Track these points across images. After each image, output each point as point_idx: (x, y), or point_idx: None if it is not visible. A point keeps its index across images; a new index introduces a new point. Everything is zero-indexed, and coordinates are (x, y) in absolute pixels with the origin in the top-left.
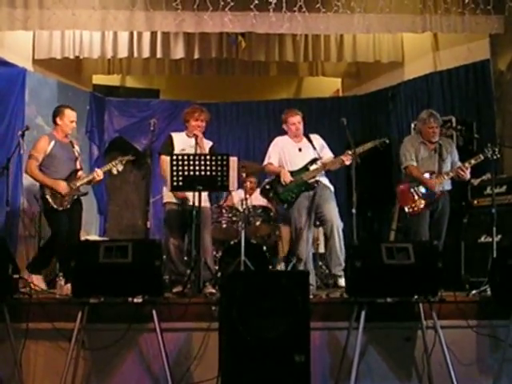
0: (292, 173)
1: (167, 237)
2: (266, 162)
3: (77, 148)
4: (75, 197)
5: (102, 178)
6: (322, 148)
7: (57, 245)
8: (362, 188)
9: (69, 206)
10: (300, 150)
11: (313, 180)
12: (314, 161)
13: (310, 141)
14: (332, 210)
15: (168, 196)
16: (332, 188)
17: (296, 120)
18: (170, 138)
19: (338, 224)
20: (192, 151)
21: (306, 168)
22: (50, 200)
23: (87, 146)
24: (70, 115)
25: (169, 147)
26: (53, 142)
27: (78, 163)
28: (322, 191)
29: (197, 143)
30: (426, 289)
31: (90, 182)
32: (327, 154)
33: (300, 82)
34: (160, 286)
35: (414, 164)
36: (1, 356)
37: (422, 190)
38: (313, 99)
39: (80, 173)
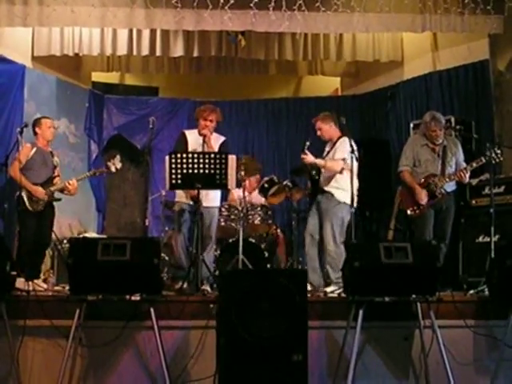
0: None
1: (175, 232)
2: None
3: (56, 159)
4: (45, 200)
5: (75, 187)
6: (334, 153)
7: (21, 244)
8: (361, 187)
9: (41, 209)
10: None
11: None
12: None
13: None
14: (324, 231)
15: (179, 195)
16: (340, 196)
17: (315, 128)
18: (184, 136)
19: (328, 245)
20: (201, 150)
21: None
22: (26, 202)
23: (86, 144)
24: (46, 122)
25: (183, 145)
26: (34, 149)
27: (56, 171)
28: (323, 199)
29: (204, 142)
30: (424, 288)
31: (62, 190)
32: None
33: (299, 80)
34: (158, 283)
35: (408, 169)
36: None
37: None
38: (312, 98)
39: (56, 179)
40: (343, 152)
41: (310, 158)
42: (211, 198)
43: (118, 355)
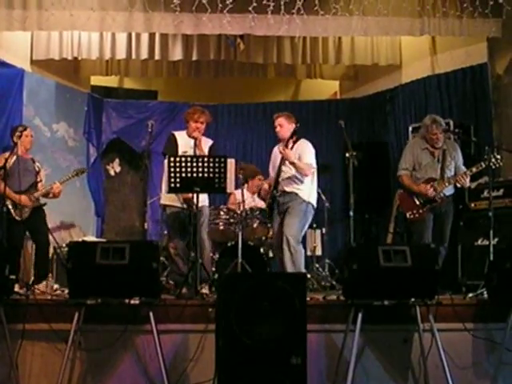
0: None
1: (169, 238)
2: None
3: (37, 164)
4: (30, 207)
5: (60, 190)
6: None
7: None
8: (360, 190)
9: (27, 216)
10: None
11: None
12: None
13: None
14: (286, 226)
15: (169, 199)
16: (305, 196)
17: (276, 123)
18: (174, 138)
19: (289, 239)
20: (192, 152)
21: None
22: (12, 211)
23: (85, 147)
24: (21, 129)
25: (173, 147)
26: (14, 158)
27: (39, 176)
28: (286, 199)
29: (196, 145)
30: (423, 291)
31: (47, 194)
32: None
33: (298, 84)
34: (157, 287)
35: (407, 173)
36: None
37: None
38: (310, 101)
39: (40, 185)
40: (310, 157)
41: (291, 153)
42: (201, 198)
43: (117, 359)
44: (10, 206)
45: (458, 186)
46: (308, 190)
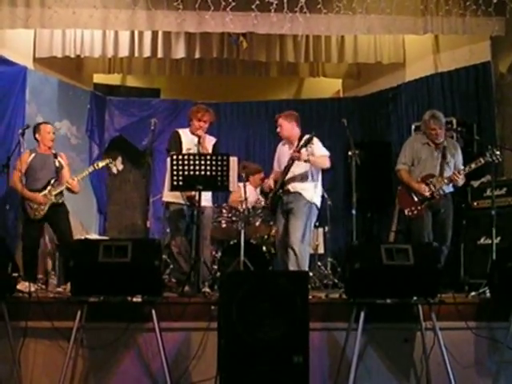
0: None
1: (171, 236)
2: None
3: (59, 159)
4: (47, 205)
5: (75, 184)
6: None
7: (23, 250)
8: (362, 189)
9: (43, 214)
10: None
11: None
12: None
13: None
14: (292, 228)
15: (172, 195)
16: (309, 197)
17: (277, 124)
18: (178, 135)
19: (295, 242)
20: (196, 150)
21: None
22: (28, 210)
23: (87, 145)
24: (45, 128)
25: (177, 144)
26: (33, 155)
27: (63, 172)
28: (290, 199)
29: (199, 143)
30: (425, 290)
31: (69, 190)
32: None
33: (301, 82)
34: (159, 285)
35: (406, 168)
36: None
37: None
38: (313, 100)
39: (63, 180)
40: (322, 149)
41: (303, 154)
42: (207, 198)
43: (119, 357)
44: (27, 206)
45: (453, 182)
46: (312, 191)
